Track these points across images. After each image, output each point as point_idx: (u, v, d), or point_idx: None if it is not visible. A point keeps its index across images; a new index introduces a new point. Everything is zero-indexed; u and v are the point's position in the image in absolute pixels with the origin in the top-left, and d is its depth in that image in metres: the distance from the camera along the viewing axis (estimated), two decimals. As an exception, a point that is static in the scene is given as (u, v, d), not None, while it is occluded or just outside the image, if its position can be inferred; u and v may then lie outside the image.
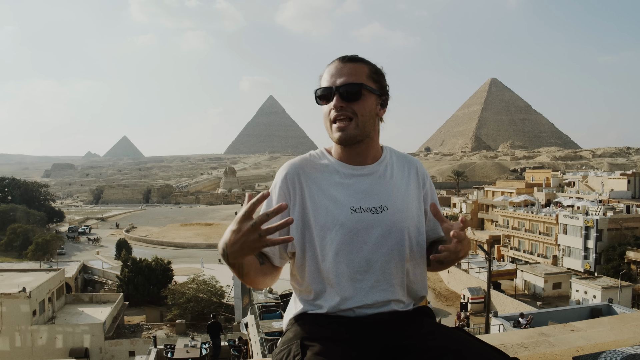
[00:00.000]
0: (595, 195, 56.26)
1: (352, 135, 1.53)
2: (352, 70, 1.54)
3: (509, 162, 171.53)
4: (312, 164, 1.61)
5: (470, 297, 34.75)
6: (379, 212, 1.55)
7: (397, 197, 1.60)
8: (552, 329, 2.55)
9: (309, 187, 1.56)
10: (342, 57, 1.58)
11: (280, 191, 1.57)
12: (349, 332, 1.47)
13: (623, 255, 40.69)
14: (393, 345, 1.47)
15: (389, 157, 1.67)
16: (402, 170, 1.67)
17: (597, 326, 2.61)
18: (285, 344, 1.46)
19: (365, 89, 1.53)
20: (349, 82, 1.52)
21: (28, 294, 26.42)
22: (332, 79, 1.54)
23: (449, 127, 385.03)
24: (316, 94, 1.58)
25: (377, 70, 1.59)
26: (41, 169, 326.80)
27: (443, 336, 1.45)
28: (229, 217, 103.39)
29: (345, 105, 1.52)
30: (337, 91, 1.52)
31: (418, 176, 1.69)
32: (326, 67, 1.60)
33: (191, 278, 37.15)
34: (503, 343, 2.27)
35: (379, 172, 1.61)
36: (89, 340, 27.66)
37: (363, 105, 1.53)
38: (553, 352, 2.17)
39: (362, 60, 1.58)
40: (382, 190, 1.58)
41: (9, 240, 65.08)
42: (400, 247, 1.56)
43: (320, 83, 1.59)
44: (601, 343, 2.25)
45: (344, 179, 1.57)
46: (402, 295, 1.57)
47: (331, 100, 1.53)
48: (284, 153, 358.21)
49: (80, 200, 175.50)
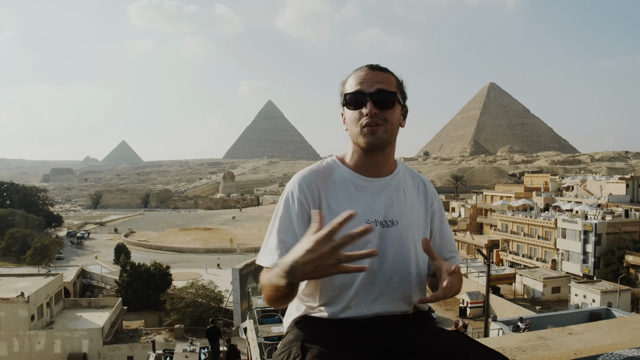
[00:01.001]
0: (593, 199, 56.30)
1: (382, 139, 1.54)
2: (385, 79, 1.56)
3: (508, 167, 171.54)
4: (326, 174, 1.61)
5: (469, 302, 34.67)
6: (390, 226, 1.57)
7: (408, 213, 1.62)
8: (550, 332, 2.56)
9: (326, 198, 1.56)
10: (371, 65, 1.59)
11: (299, 202, 1.55)
12: (349, 334, 1.49)
13: (622, 259, 40.75)
14: (393, 348, 1.48)
15: (402, 171, 1.69)
16: (413, 186, 1.70)
17: (595, 330, 2.62)
18: (285, 346, 1.48)
19: (395, 99, 1.56)
20: (385, 90, 1.53)
21: (26, 298, 26.37)
22: (363, 85, 1.54)
23: (447, 131, 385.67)
24: (345, 98, 1.57)
25: (401, 82, 1.62)
26: (40, 173, 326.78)
27: (443, 339, 1.47)
28: (227, 221, 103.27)
29: (379, 112, 1.52)
30: (372, 98, 1.52)
31: (427, 195, 1.72)
32: (352, 72, 1.60)
33: (190, 283, 37.12)
34: (501, 346, 2.27)
35: (392, 186, 1.62)
36: (87, 345, 27.60)
37: (393, 114, 1.55)
38: (551, 355, 2.18)
39: (390, 71, 1.60)
40: (394, 205, 1.60)
41: (7, 245, 64.84)
42: (407, 262, 1.58)
43: (343, 88, 1.60)
44: (599, 346, 2.26)
45: (359, 191, 1.58)
46: (404, 308, 1.59)
47: (362, 106, 1.53)
48: (283, 158, 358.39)
49: (78, 204, 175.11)
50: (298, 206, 1.54)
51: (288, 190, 1.59)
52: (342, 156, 1.67)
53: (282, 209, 1.56)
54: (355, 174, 1.60)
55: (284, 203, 1.57)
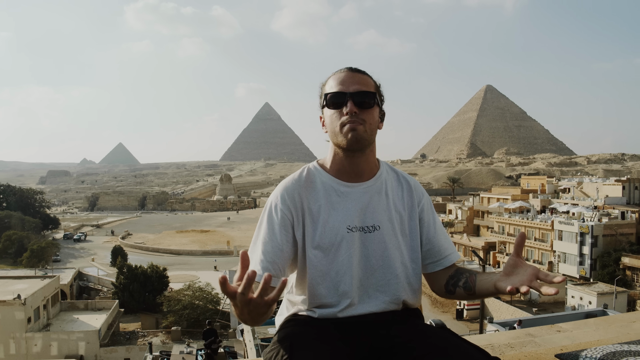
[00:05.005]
0: (590, 201, 56.45)
1: (363, 138, 1.55)
2: (364, 81, 1.58)
3: (505, 169, 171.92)
4: (307, 183, 1.62)
5: (466, 304, 34.77)
6: (371, 232, 1.59)
7: (391, 216, 1.63)
8: (539, 330, 2.61)
9: (308, 207, 1.59)
10: (350, 67, 1.62)
11: (282, 213, 1.58)
12: (337, 332, 1.52)
13: (618, 261, 40.85)
14: (381, 346, 1.51)
15: (385, 173, 1.69)
16: (398, 187, 1.70)
17: (583, 327, 2.68)
18: (275, 344, 1.50)
19: (375, 100, 1.59)
20: (364, 91, 1.56)
21: (23, 301, 26.31)
22: (343, 85, 1.56)
23: (444, 133, 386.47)
24: (326, 97, 1.59)
25: (379, 86, 1.64)
26: (36, 175, 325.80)
27: (430, 336, 1.50)
28: (224, 224, 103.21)
29: (359, 112, 1.54)
30: (352, 98, 1.54)
31: (413, 194, 1.71)
32: (332, 74, 1.62)
33: (187, 285, 37.03)
34: (490, 343, 2.33)
35: (374, 189, 1.63)
36: (84, 347, 27.54)
37: (372, 115, 1.57)
38: (538, 351, 2.23)
39: (368, 74, 1.62)
40: (376, 209, 1.61)
41: (3, 247, 64.75)
42: (392, 265, 1.61)
43: (323, 90, 1.62)
44: (585, 342, 2.32)
45: (340, 197, 1.60)
46: (392, 308, 1.62)
47: (342, 106, 1.55)
48: (280, 160, 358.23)
49: (75, 207, 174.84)
50: (281, 217, 1.58)
51: (271, 202, 1.63)
52: (322, 161, 1.69)
53: (265, 221, 1.60)
54: (335, 180, 1.62)
55: (267, 215, 1.60)
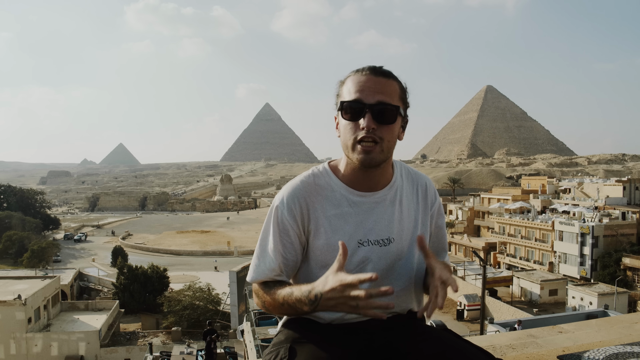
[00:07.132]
0: (590, 201, 56.50)
1: (377, 160, 1.40)
2: (387, 89, 1.39)
3: (505, 169, 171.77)
4: (317, 188, 1.49)
5: (467, 304, 34.76)
6: (386, 245, 1.50)
7: (405, 226, 1.55)
8: (540, 330, 2.61)
9: (315, 214, 1.48)
10: (374, 68, 1.41)
11: (286, 218, 1.48)
12: (339, 334, 1.48)
13: (619, 262, 40.84)
14: (382, 348, 1.49)
15: (399, 179, 1.57)
16: (412, 192, 1.60)
17: (585, 328, 2.67)
18: (275, 346, 1.48)
19: (398, 112, 1.41)
20: (386, 103, 1.37)
21: (23, 301, 26.33)
22: (364, 93, 1.37)
23: (445, 134, 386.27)
24: (342, 105, 1.40)
25: (405, 90, 1.46)
26: (37, 176, 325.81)
27: (432, 338, 1.48)
28: (225, 224, 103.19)
29: (377, 127, 1.37)
30: (371, 110, 1.36)
31: (428, 197, 1.62)
32: (352, 73, 1.43)
33: (187, 285, 37.06)
34: (492, 344, 2.32)
35: (388, 199, 1.52)
36: (84, 347, 27.56)
37: (392, 131, 1.40)
38: (540, 352, 2.22)
39: (394, 76, 1.43)
40: (390, 220, 1.52)
41: (4, 247, 64.79)
42: (405, 277, 1.55)
43: (341, 90, 1.43)
44: (587, 343, 2.31)
45: (351, 208, 1.48)
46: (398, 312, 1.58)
47: (359, 117, 1.37)
48: (280, 160, 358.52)
49: (76, 207, 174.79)
50: (285, 222, 1.48)
51: (276, 204, 1.50)
52: (335, 163, 1.55)
53: (271, 225, 1.50)
54: (348, 189, 1.50)
55: (273, 221, 1.50)
